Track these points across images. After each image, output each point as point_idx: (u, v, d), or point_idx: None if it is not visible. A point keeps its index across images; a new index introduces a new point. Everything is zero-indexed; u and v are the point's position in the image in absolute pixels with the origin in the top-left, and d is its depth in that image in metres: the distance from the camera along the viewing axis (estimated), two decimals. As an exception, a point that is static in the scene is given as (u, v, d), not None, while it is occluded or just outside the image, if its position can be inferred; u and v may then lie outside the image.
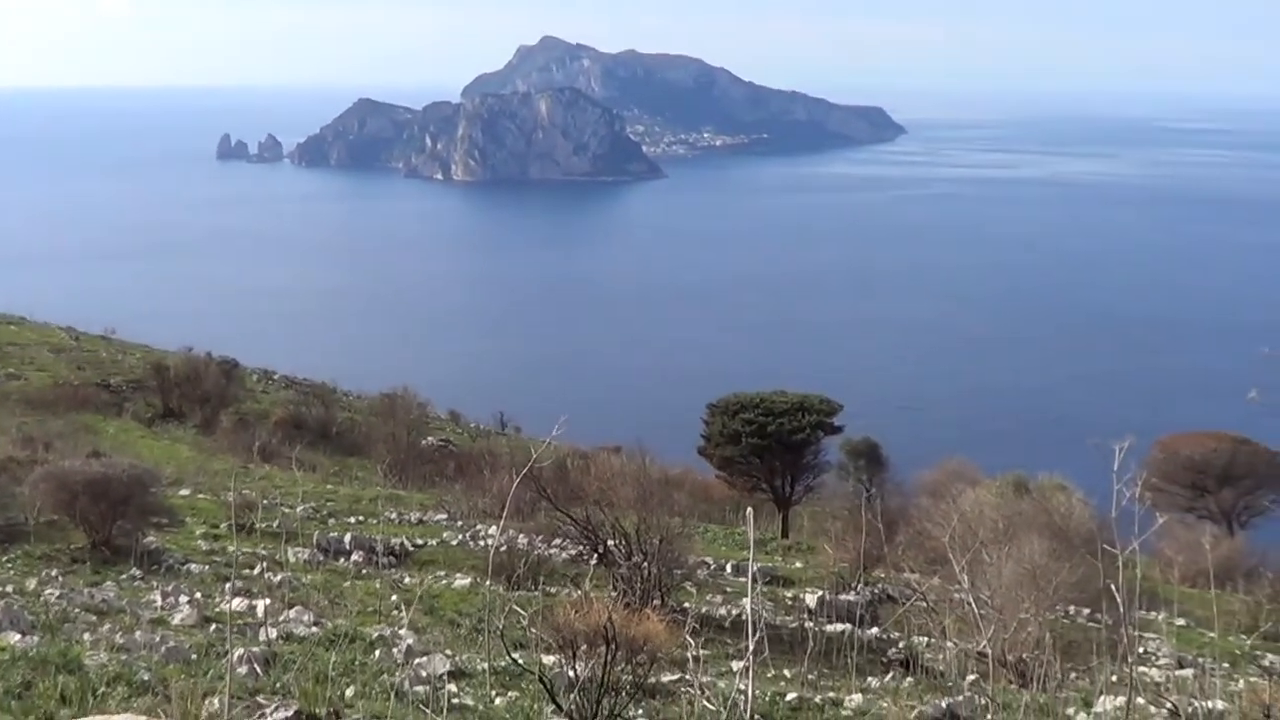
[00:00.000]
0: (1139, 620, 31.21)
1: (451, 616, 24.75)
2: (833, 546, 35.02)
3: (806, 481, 58.89)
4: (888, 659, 24.33)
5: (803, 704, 15.74)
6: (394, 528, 37.58)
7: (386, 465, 59.11)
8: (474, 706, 13.83)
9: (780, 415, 56.97)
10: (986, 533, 27.57)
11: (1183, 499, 65.55)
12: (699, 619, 25.11)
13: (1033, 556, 24.53)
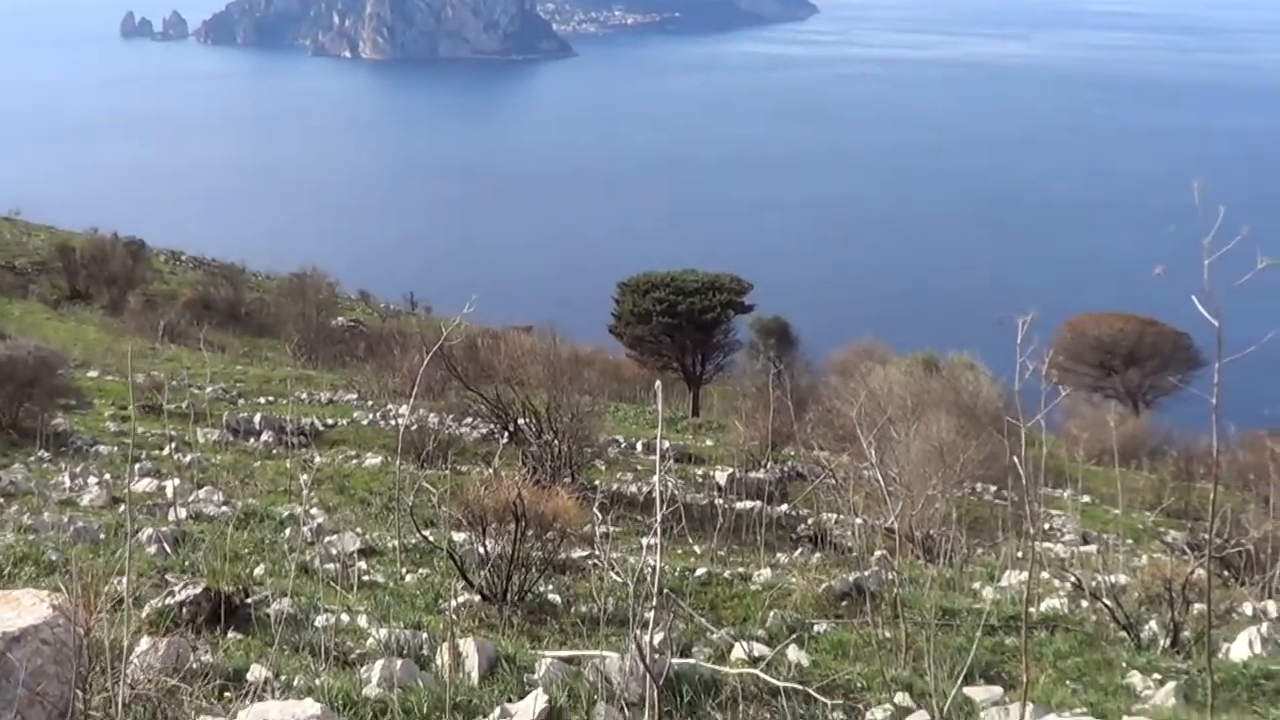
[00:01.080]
0: (1045, 497, 31.61)
1: (362, 495, 24.70)
2: (743, 424, 35.10)
3: (717, 360, 59.09)
4: (797, 535, 24.52)
5: (712, 579, 15.83)
6: (304, 408, 37.40)
7: (296, 345, 58.76)
8: (384, 583, 13.82)
9: (691, 294, 57.00)
10: (895, 410, 27.76)
11: (1090, 378, 66.27)
12: (609, 496, 25.20)
13: (940, 434, 24.76)
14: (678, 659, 9.65)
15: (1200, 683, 10.44)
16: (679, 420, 47.21)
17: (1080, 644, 12.97)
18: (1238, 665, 12.00)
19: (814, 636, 12.54)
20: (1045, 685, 10.65)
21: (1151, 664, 11.91)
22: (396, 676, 8.60)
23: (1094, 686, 10.92)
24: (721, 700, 9.08)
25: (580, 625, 12.11)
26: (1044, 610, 15.54)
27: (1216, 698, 10.45)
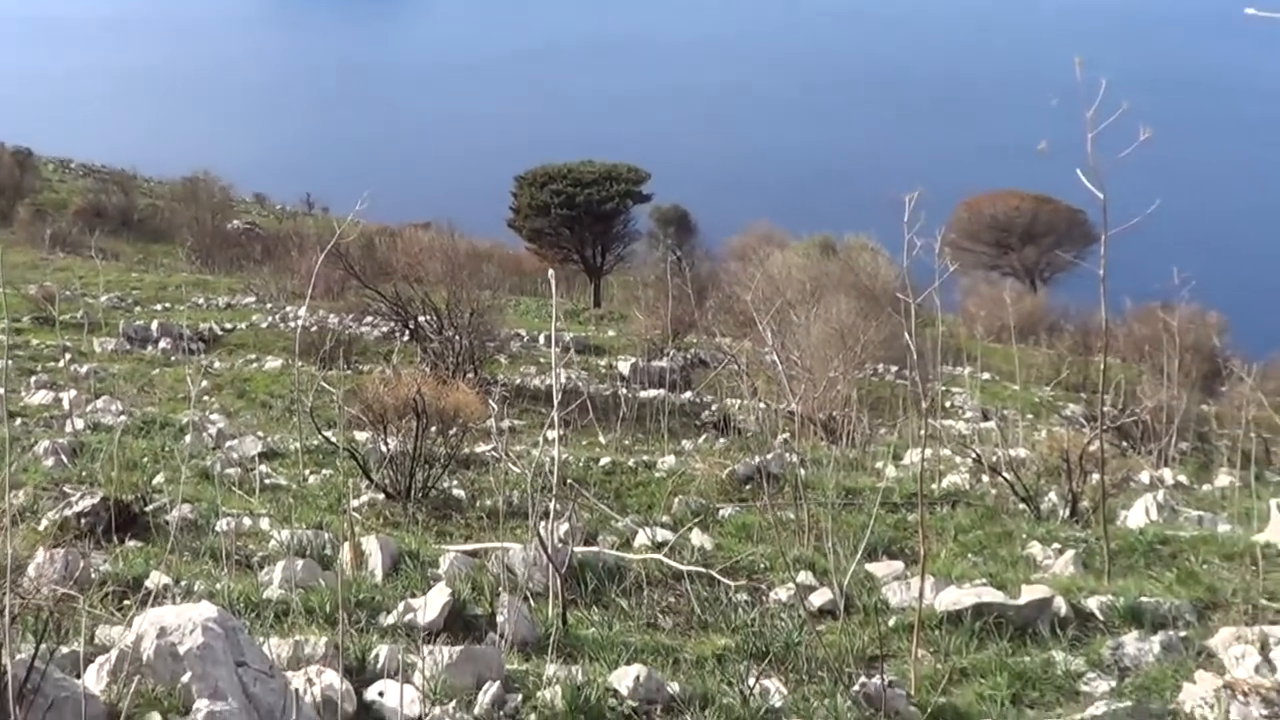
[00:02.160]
0: (945, 375, 31.90)
1: (263, 399, 24.55)
2: (644, 314, 35.16)
3: (617, 251, 59.12)
4: (701, 422, 24.63)
5: (616, 468, 15.86)
6: (202, 313, 37.07)
7: (191, 251, 58.12)
8: (287, 486, 13.74)
9: (588, 185, 56.87)
10: (794, 294, 27.89)
11: (987, 257, 66.86)
12: (512, 390, 25.20)
13: (840, 316, 24.89)
14: (582, 548, 9.68)
15: (1098, 550, 10.59)
16: (581, 312, 47.23)
17: (981, 518, 13.11)
18: (1134, 532, 12.19)
19: (718, 521, 12.61)
20: (946, 558, 10.77)
21: (1051, 534, 12.07)
22: (298, 577, 8.56)
23: (995, 558, 11.05)
24: (626, 586, 9.12)
25: (486, 519, 12.10)
26: (945, 486, 15.70)
27: (1114, 564, 10.62)
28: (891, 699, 6.55)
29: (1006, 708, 6.96)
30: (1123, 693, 7.21)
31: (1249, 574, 9.75)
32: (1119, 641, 7.93)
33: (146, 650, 5.78)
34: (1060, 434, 16.51)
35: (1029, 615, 8.30)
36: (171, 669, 5.73)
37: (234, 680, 5.71)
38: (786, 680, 7.25)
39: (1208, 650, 7.88)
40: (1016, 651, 7.83)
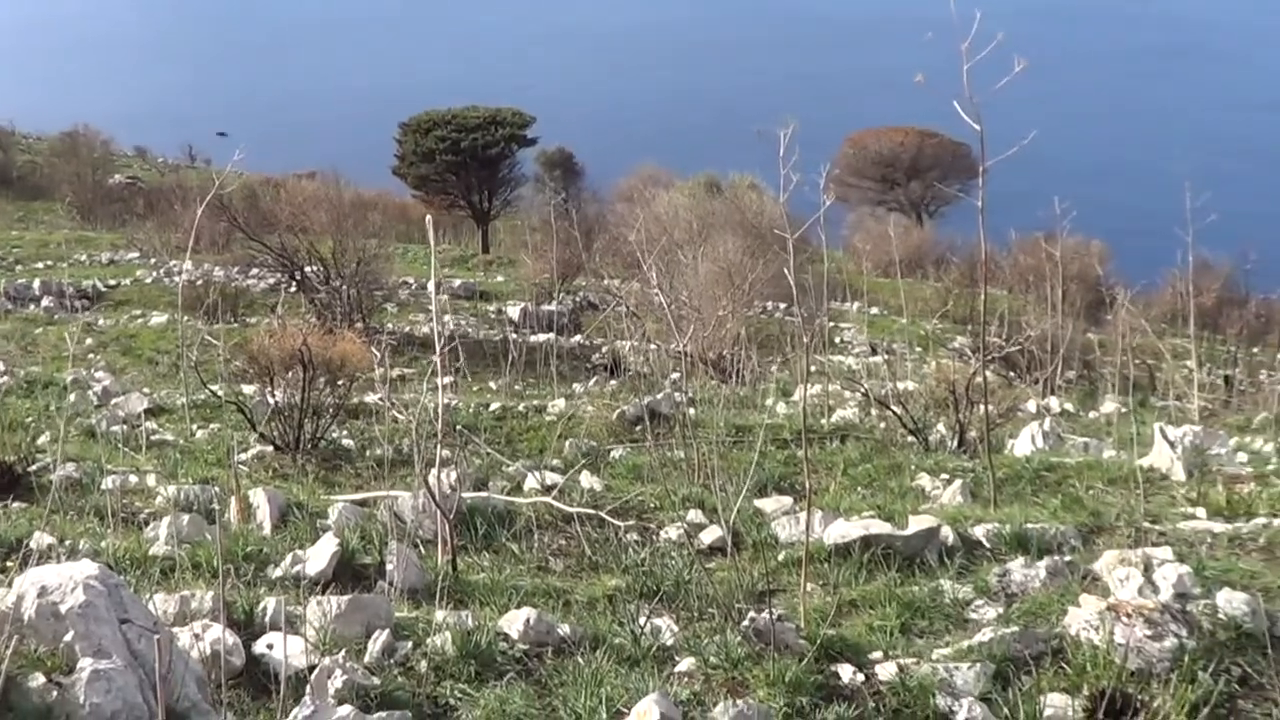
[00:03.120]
0: (834, 311, 32.10)
1: (149, 355, 24.30)
2: (532, 258, 35.10)
3: (503, 195, 58.95)
4: (592, 364, 24.66)
5: (507, 413, 15.85)
6: (84, 270, 36.57)
7: (72, 206, 57.26)
8: (174, 442, 13.60)
9: (473, 130, 56.59)
10: (681, 234, 27.92)
11: (873, 192, 67.26)
12: (401, 338, 25.08)
13: (727, 255, 24.95)
14: (471, 494, 9.65)
15: (985, 479, 10.70)
16: (469, 258, 47.05)
17: (871, 451, 13.22)
18: (1021, 460, 12.33)
19: (609, 463, 12.63)
20: (835, 492, 10.84)
21: (939, 465, 12.18)
22: (184, 532, 8.48)
23: (884, 490, 11.14)
24: (516, 530, 9.11)
25: (376, 469, 12.05)
26: (835, 421, 15.81)
27: (1000, 492, 10.74)
28: (781, 632, 6.58)
29: (895, 637, 7.01)
30: (1010, 618, 7.28)
31: (1132, 498, 9.90)
32: (1005, 568, 8.01)
33: (27, 610, 5.69)
34: (947, 366, 16.66)
35: (916, 545, 8.37)
36: (54, 629, 5.65)
37: (118, 638, 5.65)
38: (678, 618, 7.26)
39: (1093, 574, 7.98)
40: (905, 582, 7.89)
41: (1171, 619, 6.90)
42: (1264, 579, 8.22)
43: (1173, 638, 6.76)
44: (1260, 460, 13.01)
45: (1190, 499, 10.60)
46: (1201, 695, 6.28)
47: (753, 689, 6.20)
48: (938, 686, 6.29)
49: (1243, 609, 7.19)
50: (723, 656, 6.44)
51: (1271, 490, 10.85)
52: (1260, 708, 6.53)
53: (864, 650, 6.75)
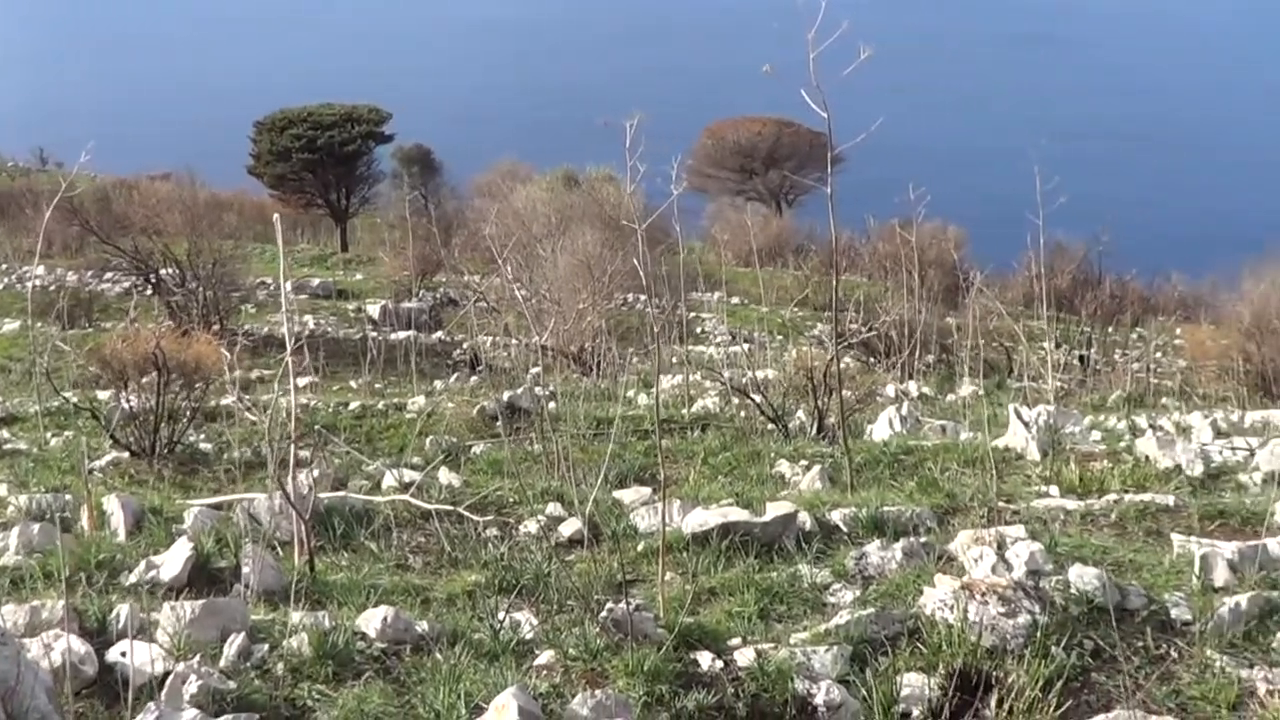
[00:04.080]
0: (694, 301, 32.23)
1: (1, 363, 23.86)
2: (391, 256, 34.92)
3: (361, 193, 58.56)
4: (453, 361, 24.57)
5: (366, 412, 15.76)
6: (-68, 278, 35.87)
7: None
8: (27, 450, 13.37)
9: (329, 128, 56.13)
10: (540, 228, 27.89)
11: (732, 183, 67.43)
12: (260, 339, 24.84)
13: (586, 248, 24.95)
14: (329, 494, 9.57)
15: (844, 464, 10.79)
16: (328, 257, 46.73)
17: (731, 440, 13.28)
18: (879, 445, 12.47)
19: (470, 459, 12.58)
20: (695, 481, 10.89)
21: (798, 451, 12.27)
22: (35, 541, 8.32)
23: (744, 478, 11.20)
24: (375, 529, 9.05)
25: (235, 471, 11.91)
26: (696, 410, 15.88)
27: (859, 476, 10.85)
28: (639, 622, 6.59)
29: (754, 623, 7.05)
30: (867, 601, 7.36)
31: (988, 478, 10.03)
32: (863, 551, 8.09)
33: None
34: (806, 354, 16.79)
35: (774, 531, 8.42)
36: (-105, 644, 5.53)
37: (-38, 650, 5.53)
38: (538, 611, 7.25)
39: (948, 554, 8.09)
40: (763, 568, 7.93)
41: (1025, 595, 7.01)
42: (1115, 554, 8.37)
43: (1026, 614, 6.86)
44: (1113, 437, 13.24)
45: (1044, 478, 10.78)
46: (1055, 669, 6.39)
47: (612, 679, 6.21)
48: (796, 670, 6.33)
49: (1094, 584, 7.32)
50: (582, 648, 6.44)
51: (1123, 467, 11.06)
52: (1112, 680, 6.65)
53: (723, 637, 6.78)
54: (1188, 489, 10.55)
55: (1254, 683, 6.69)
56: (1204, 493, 10.53)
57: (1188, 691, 6.60)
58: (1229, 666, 6.81)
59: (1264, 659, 6.98)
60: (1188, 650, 7.02)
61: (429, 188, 64.13)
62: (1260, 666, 6.86)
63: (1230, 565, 7.97)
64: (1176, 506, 9.68)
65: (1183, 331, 30.68)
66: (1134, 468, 11.11)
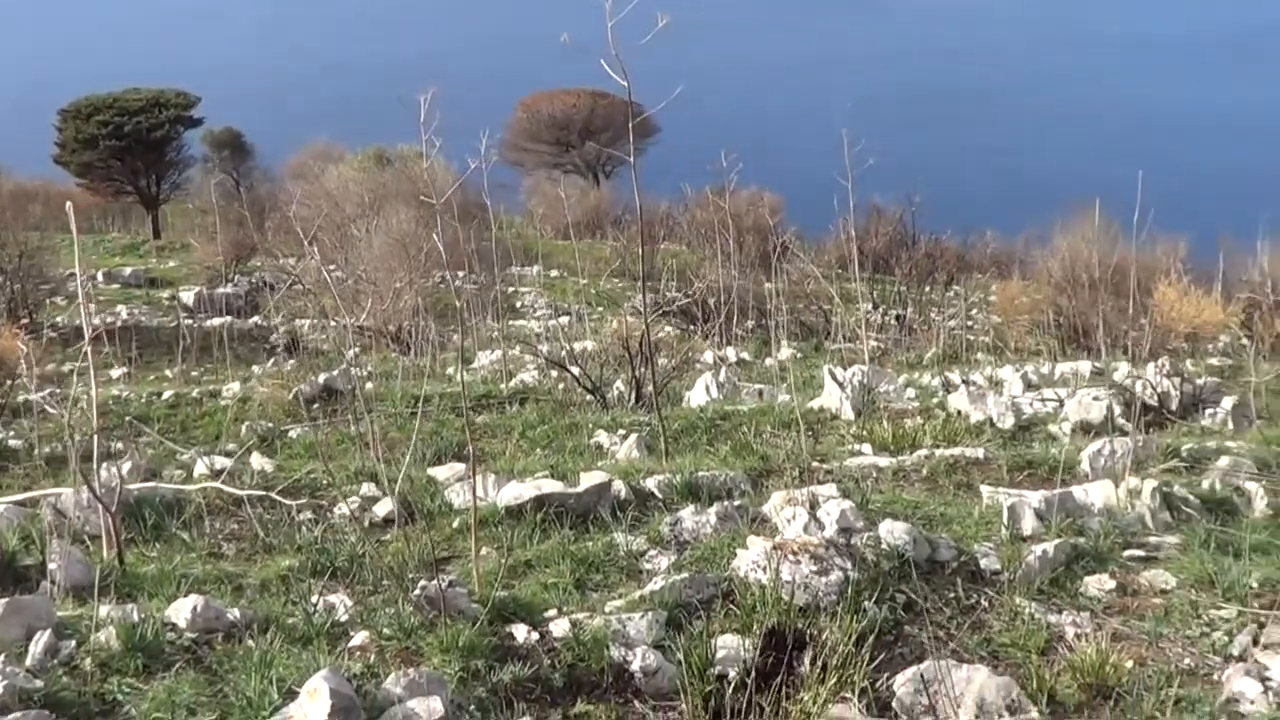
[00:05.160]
0: (514, 276, 32.15)
1: None
2: (204, 242, 34.38)
3: (172, 179, 57.63)
4: (271, 345, 24.27)
5: (180, 400, 15.50)
6: None
7: None
8: None
9: (136, 114, 55.14)
10: (353, 208, 27.63)
11: (549, 156, 67.29)
12: (70, 331, 24.30)
13: (400, 226, 24.75)
14: (139, 484, 9.40)
15: (661, 432, 10.83)
16: (140, 245, 45.90)
17: (550, 412, 13.27)
18: (695, 411, 12.54)
19: (286, 443, 12.43)
20: (511, 454, 10.85)
21: (616, 421, 12.29)
22: None
23: (562, 450, 11.19)
24: (186, 518, 8.91)
25: (46, 467, 11.66)
26: (514, 385, 15.85)
27: (677, 443, 10.91)
28: (453, 598, 6.56)
29: (570, 593, 7.05)
30: (682, 566, 7.39)
31: (802, 439, 10.13)
32: (677, 517, 8.12)
33: None
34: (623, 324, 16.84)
35: (589, 502, 8.43)
36: None
37: None
38: (353, 593, 7.19)
39: (762, 516, 8.15)
40: (579, 539, 7.93)
41: (836, 553, 7.09)
42: (926, 508, 8.52)
43: (838, 571, 6.94)
44: (927, 394, 13.47)
45: (857, 436, 10.92)
46: (867, 624, 6.46)
47: (427, 657, 6.18)
48: (611, 638, 6.35)
49: (904, 538, 7.43)
50: (396, 627, 6.40)
51: (935, 423, 11.25)
52: (925, 631, 6.76)
53: (538, 609, 6.77)
54: (998, 441, 10.76)
55: (1062, 627, 6.85)
56: (1014, 445, 10.75)
57: (998, 639, 6.74)
58: (1037, 613, 6.97)
59: (1071, 604, 7.14)
60: (997, 599, 7.16)
61: (241, 171, 63.33)
62: (1068, 611, 7.03)
63: (1037, 514, 8.14)
64: (986, 459, 9.88)
65: (997, 288, 31.18)
66: (945, 423, 11.31)
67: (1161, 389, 13.15)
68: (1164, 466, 9.59)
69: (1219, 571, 7.40)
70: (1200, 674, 6.46)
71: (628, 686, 6.23)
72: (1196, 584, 7.41)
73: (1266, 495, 8.96)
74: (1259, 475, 9.61)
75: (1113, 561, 7.73)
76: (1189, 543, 8.02)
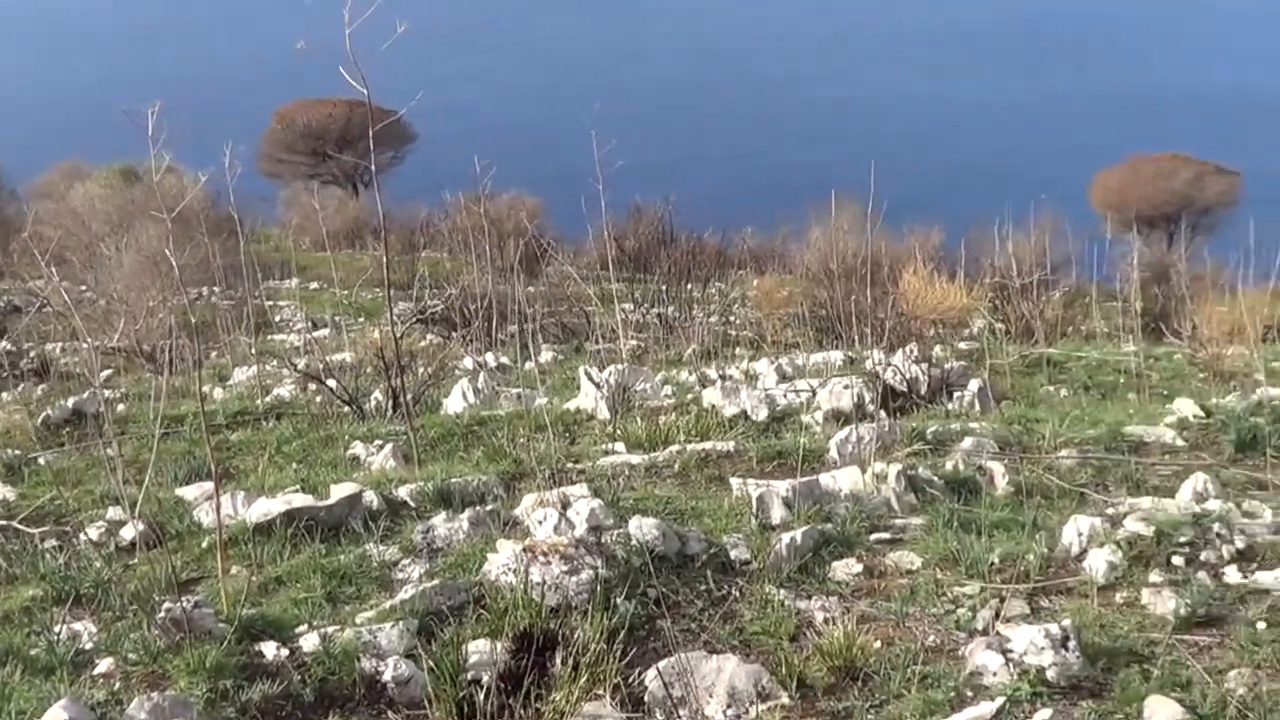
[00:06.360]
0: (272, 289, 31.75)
1: None
2: (-56, 267, 33.38)
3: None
4: (21, 370, 23.63)
5: (-79, 433, 15.02)
6: None
7: None
8: None
9: None
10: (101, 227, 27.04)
11: (306, 167, 66.49)
12: None
13: (151, 244, 24.27)
14: None
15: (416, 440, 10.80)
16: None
17: (307, 426, 13.13)
18: (452, 418, 12.53)
19: (34, 470, 12.12)
20: (263, 470, 10.71)
21: (372, 432, 12.20)
22: None
23: (318, 463, 11.08)
24: (-77, 554, 8.65)
25: None
26: (271, 400, 15.67)
27: (434, 450, 10.90)
28: (199, 619, 6.48)
29: (321, 607, 7.01)
30: (434, 573, 7.40)
31: (552, 439, 10.19)
32: (429, 524, 8.12)
33: None
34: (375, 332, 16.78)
35: (340, 514, 8.36)
36: None
37: None
38: (98, 620, 7.06)
39: (515, 519, 8.20)
40: (331, 552, 7.87)
41: (586, 552, 7.15)
42: (677, 503, 8.62)
43: (589, 570, 7.00)
44: (683, 391, 13.59)
45: (611, 435, 11.00)
46: (618, 621, 6.55)
47: (174, 680, 6.10)
48: (362, 650, 6.34)
49: (654, 533, 7.52)
50: (141, 652, 6.31)
51: (688, 418, 11.38)
52: (679, 624, 6.86)
53: (288, 625, 6.73)
54: (751, 434, 10.92)
55: (811, 613, 7.00)
56: (767, 436, 10.92)
57: (749, 628, 6.86)
58: (787, 599, 7.11)
59: (820, 589, 7.30)
60: (748, 588, 7.29)
61: (-16, 192, 61.64)
62: (817, 597, 7.18)
63: (785, 503, 8.29)
64: (737, 451, 10.03)
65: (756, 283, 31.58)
66: (699, 418, 11.45)
67: (910, 375, 13.47)
68: (909, 450, 9.84)
69: (962, 550, 7.62)
70: (945, 650, 6.65)
71: (380, 697, 6.23)
72: (941, 563, 7.63)
73: (1007, 474, 9.23)
74: (1000, 454, 9.90)
75: (860, 545, 7.92)
76: (933, 523, 8.25)
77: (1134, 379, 15.13)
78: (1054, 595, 7.26)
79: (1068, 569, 7.56)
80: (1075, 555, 7.68)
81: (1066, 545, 7.76)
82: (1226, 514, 7.97)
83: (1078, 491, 9.01)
